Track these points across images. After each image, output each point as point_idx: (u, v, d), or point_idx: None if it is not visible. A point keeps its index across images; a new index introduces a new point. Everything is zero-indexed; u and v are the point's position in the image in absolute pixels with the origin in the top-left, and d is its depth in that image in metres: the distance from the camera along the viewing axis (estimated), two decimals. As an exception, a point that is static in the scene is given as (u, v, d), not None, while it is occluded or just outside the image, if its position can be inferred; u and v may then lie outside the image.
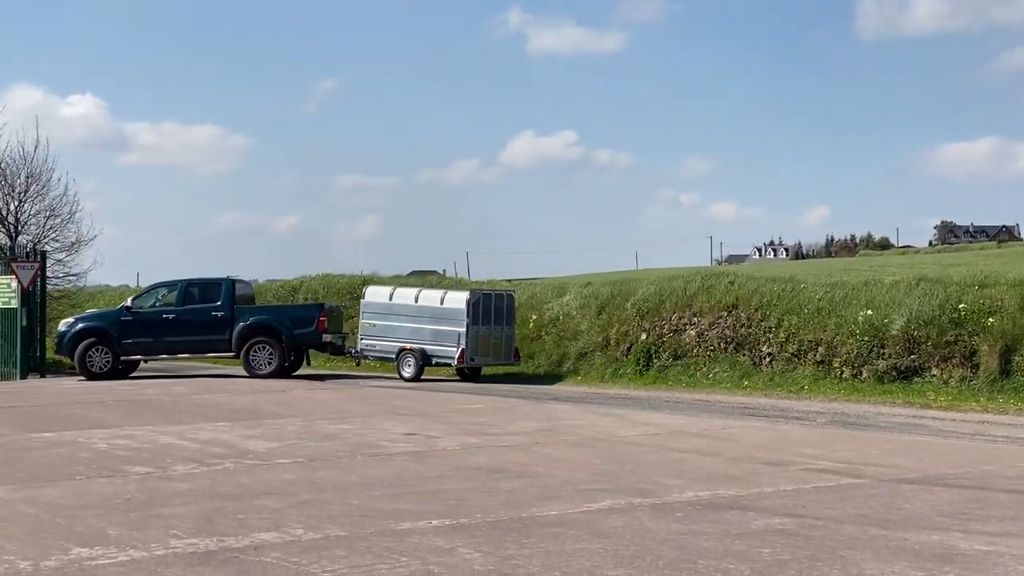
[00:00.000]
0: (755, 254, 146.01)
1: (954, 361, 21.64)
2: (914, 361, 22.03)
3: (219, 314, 29.48)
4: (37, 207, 36.50)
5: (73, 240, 36.61)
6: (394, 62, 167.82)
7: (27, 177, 36.27)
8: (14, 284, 29.61)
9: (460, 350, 27.55)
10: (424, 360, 28.17)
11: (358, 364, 31.60)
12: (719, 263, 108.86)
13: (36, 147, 36.61)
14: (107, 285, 51.72)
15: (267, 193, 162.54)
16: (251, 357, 29.06)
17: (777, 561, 8.50)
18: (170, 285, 31.14)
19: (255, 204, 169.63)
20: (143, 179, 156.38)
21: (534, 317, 29.65)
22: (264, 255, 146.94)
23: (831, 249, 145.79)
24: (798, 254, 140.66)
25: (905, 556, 8.66)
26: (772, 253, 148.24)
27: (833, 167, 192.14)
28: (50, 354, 32.27)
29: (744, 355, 24.51)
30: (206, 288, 30.35)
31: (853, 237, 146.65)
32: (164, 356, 30.48)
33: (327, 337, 30.09)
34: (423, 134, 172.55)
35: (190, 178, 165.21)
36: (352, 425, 17.60)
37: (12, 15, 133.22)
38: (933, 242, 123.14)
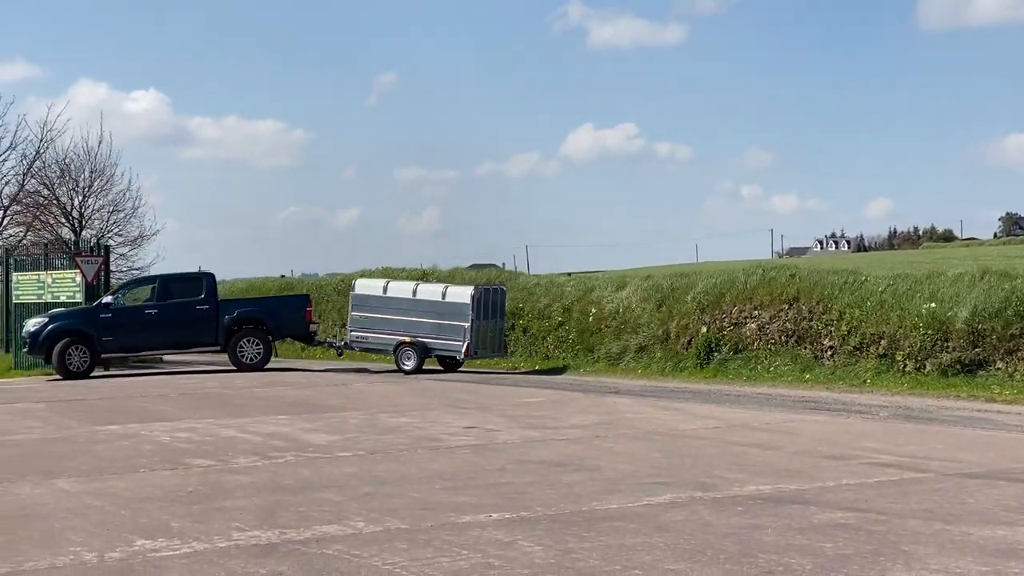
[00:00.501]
0: (816, 247, 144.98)
1: (1019, 354, 21.38)
2: (978, 354, 21.78)
3: (204, 308, 29.13)
4: (101, 202, 36.96)
5: (136, 234, 37.00)
6: (455, 56, 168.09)
7: (91, 172, 36.74)
8: (79, 278, 29.92)
9: (467, 344, 27.81)
10: (424, 353, 28.36)
11: (340, 355, 31.95)
12: (780, 256, 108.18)
13: (100, 142, 37.07)
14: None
15: (328, 186, 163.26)
16: (239, 350, 29.00)
17: (839, 556, 8.44)
18: (147, 280, 31.14)
19: (316, 197, 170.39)
20: (205, 173, 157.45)
21: (593, 310, 29.58)
22: (325, 248, 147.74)
23: (894, 241, 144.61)
24: (860, 246, 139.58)
25: (969, 551, 8.57)
26: (834, 246, 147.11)
27: (896, 159, 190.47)
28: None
29: (805, 348, 24.33)
30: (186, 283, 30.06)
31: (916, 229, 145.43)
32: (147, 352, 30.32)
33: (313, 328, 30.71)
34: (483, 127, 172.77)
35: (252, 172, 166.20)
36: (412, 418, 17.65)
37: (76, 13, 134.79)
38: (998, 234, 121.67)
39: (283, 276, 50.63)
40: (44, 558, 8.58)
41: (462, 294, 28.39)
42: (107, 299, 29.01)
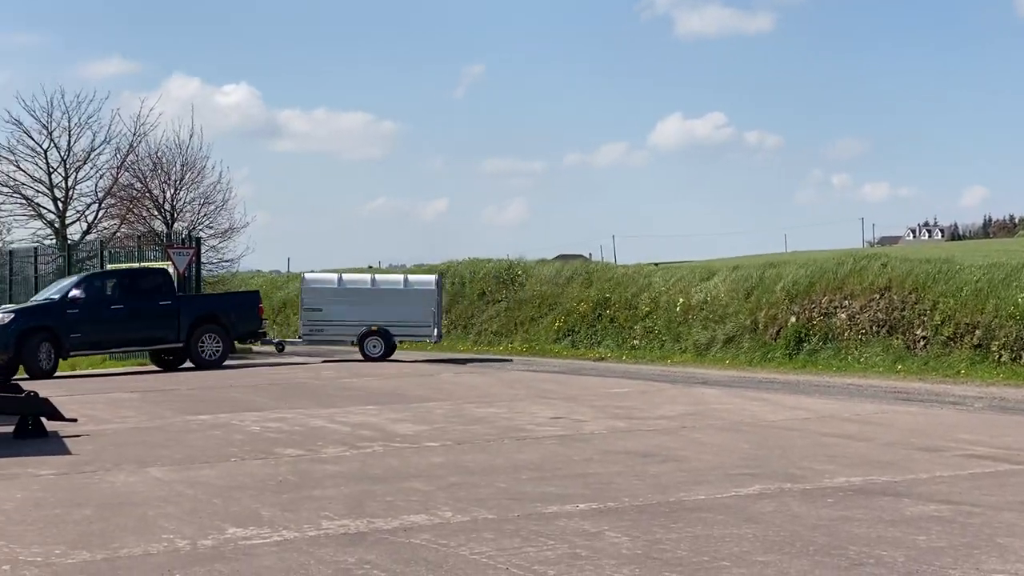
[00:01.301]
0: (909, 235, 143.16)
1: (1117, 344, 21.02)
2: (1075, 344, 21.44)
3: (167, 304, 27.87)
4: (192, 195, 37.38)
5: (226, 226, 37.38)
6: (542, 46, 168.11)
7: (182, 165, 37.14)
8: (171, 270, 30.31)
9: (436, 329, 29.55)
10: (388, 339, 29.27)
11: (281, 351, 32.63)
12: (871, 245, 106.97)
13: (191, 136, 37.48)
14: (259, 270, 52.77)
15: (416, 178, 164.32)
16: (199, 347, 27.98)
17: (932, 548, 8.33)
18: (106, 275, 29.63)
19: (404, 189, 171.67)
20: (295, 166, 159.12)
21: (681, 300, 29.45)
22: (412, 239, 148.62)
23: (989, 230, 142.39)
24: (954, 235, 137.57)
25: (1066, 544, 8.42)
26: (927, 234, 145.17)
27: (992, 146, 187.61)
28: None
29: (897, 338, 24.04)
30: (146, 277, 29.01)
31: (1012, 217, 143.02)
32: (113, 350, 29.18)
33: (263, 327, 30.45)
34: (571, 118, 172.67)
35: (341, 164, 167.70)
36: (499, 409, 17.68)
37: (170, 9, 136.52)
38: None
39: (370, 267, 50.99)
40: (138, 545, 8.70)
41: (427, 281, 29.96)
42: (76, 292, 27.38)
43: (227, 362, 28.28)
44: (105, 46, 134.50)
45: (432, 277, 30.47)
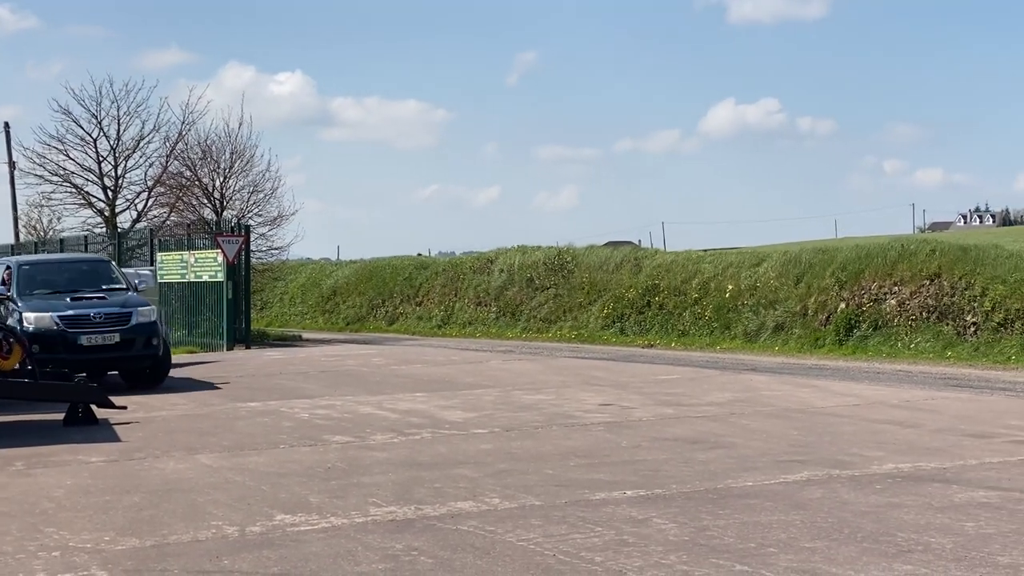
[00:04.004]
0: (960, 221, 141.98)
1: None
2: None
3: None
4: (241, 183, 37.49)
5: (275, 214, 37.51)
6: (595, 33, 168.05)
7: (231, 154, 37.27)
8: (220, 258, 30.48)
9: None
10: None
11: None
12: (921, 231, 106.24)
13: (240, 124, 37.62)
14: (308, 258, 52.99)
15: (468, 165, 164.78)
16: None
17: (981, 535, 8.28)
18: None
19: (456, 176, 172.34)
20: (347, 154, 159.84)
21: (730, 287, 29.34)
22: (464, 226, 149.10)
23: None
24: (1005, 220, 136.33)
25: (1118, 532, 8.35)
26: (978, 220, 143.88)
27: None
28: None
29: (947, 325, 23.86)
30: None
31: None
32: None
33: None
34: (623, 104, 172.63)
35: (393, 152, 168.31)
36: (547, 395, 17.69)
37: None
38: None
39: (419, 255, 51.13)
40: (187, 531, 8.77)
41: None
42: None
43: (274, 347, 28.17)
44: (162, 36, 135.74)
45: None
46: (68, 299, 20.04)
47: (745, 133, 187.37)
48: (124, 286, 21.34)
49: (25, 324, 19.06)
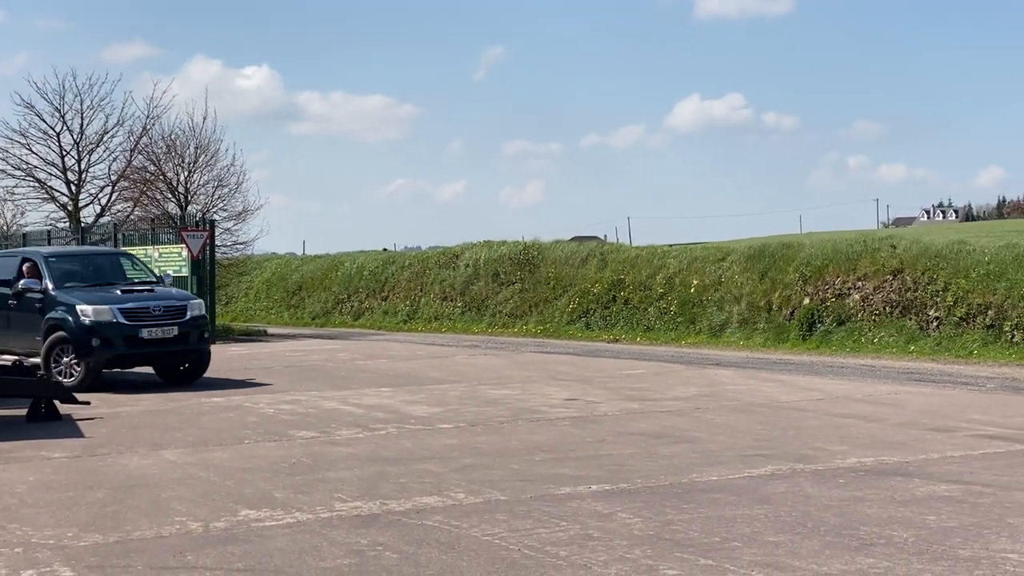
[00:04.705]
0: (923, 216, 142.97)
1: None
2: (1089, 325, 21.39)
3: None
4: (205, 177, 37.27)
5: (240, 209, 37.34)
6: (562, 28, 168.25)
7: (196, 148, 37.07)
8: (184, 253, 30.36)
9: None
10: None
11: None
12: (885, 226, 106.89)
13: (204, 118, 37.42)
14: (274, 253, 52.77)
15: (434, 160, 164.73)
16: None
17: (942, 528, 8.34)
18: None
19: (422, 171, 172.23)
20: (313, 148, 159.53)
21: (695, 282, 29.42)
22: (429, 221, 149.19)
23: (1003, 210, 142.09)
24: (968, 216, 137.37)
25: (1078, 525, 8.42)
26: (941, 215, 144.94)
27: (1010, 127, 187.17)
28: None
29: (910, 319, 24.00)
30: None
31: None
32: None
33: None
34: (590, 100, 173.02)
35: (359, 146, 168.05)
36: (513, 390, 17.70)
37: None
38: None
39: (385, 249, 51.01)
40: (151, 527, 8.74)
41: None
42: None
43: (240, 342, 28.16)
44: (129, 31, 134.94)
45: None
46: (118, 291, 19.31)
47: (711, 128, 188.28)
48: (153, 279, 20.70)
49: (82, 317, 18.41)
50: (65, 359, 18.55)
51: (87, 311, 18.56)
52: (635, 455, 11.69)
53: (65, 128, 37.35)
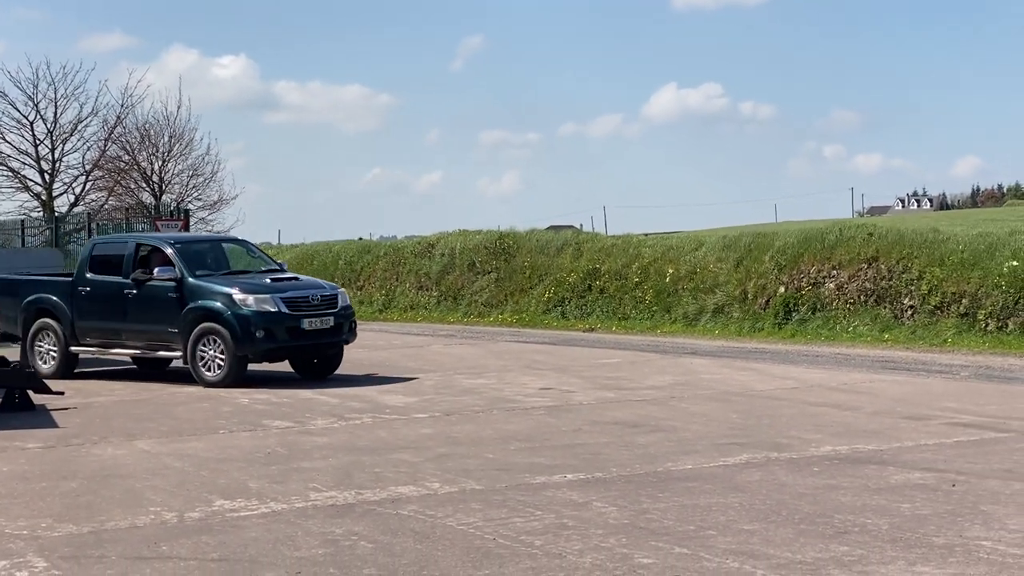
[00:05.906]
0: (898, 205, 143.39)
1: (1104, 313, 21.06)
2: (1062, 313, 21.48)
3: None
4: (180, 166, 37.31)
5: (215, 198, 37.29)
6: (540, 18, 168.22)
7: (170, 137, 37.02)
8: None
9: None
10: None
11: None
12: (860, 215, 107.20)
13: (179, 108, 37.35)
14: (249, 242, 52.51)
15: (411, 150, 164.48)
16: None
17: (916, 516, 8.37)
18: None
19: (399, 161, 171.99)
20: (290, 138, 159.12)
21: (670, 271, 29.42)
22: (406, 211, 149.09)
23: (977, 199, 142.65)
24: (942, 204, 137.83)
25: (1050, 512, 8.46)
26: (916, 204, 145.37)
27: (986, 116, 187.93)
28: None
29: (885, 308, 24.06)
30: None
31: (1000, 187, 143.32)
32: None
33: None
34: (567, 89, 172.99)
35: (336, 136, 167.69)
36: (488, 380, 17.70)
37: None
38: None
39: (361, 239, 50.90)
40: (125, 518, 8.71)
41: None
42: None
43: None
44: (106, 20, 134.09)
45: None
46: (267, 280, 18.16)
47: (687, 117, 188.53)
48: (275, 266, 19.53)
49: (243, 307, 17.19)
50: (210, 351, 17.30)
51: (248, 300, 17.35)
52: (610, 444, 11.70)
53: (39, 117, 37.28)
